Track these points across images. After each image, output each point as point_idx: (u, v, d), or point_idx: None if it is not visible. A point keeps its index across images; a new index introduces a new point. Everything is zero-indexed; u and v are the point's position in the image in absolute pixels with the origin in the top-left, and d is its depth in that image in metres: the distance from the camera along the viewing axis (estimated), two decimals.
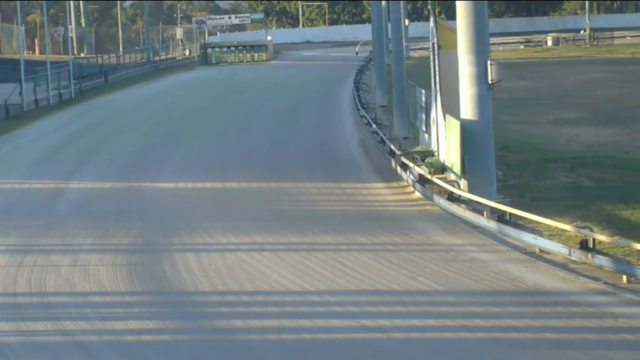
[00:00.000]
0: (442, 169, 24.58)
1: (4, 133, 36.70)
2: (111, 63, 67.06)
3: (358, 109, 39.89)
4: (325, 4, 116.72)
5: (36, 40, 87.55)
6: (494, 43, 67.57)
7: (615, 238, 17.79)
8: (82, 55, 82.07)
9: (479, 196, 20.40)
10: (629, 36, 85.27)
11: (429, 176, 23.42)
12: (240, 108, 44.50)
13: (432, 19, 25.72)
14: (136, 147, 32.95)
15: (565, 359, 12.88)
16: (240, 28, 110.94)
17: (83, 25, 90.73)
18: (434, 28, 25.40)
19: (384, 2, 47.77)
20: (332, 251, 18.64)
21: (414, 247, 18.77)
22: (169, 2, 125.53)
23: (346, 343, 13.67)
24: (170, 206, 23.65)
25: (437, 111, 25.60)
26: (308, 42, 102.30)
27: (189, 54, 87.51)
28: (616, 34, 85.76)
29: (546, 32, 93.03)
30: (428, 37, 27.01)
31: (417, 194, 23.66)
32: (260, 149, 32.00)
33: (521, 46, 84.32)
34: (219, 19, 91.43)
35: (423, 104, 28.78)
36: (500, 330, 13.98)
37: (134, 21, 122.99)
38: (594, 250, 16.63)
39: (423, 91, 29.11)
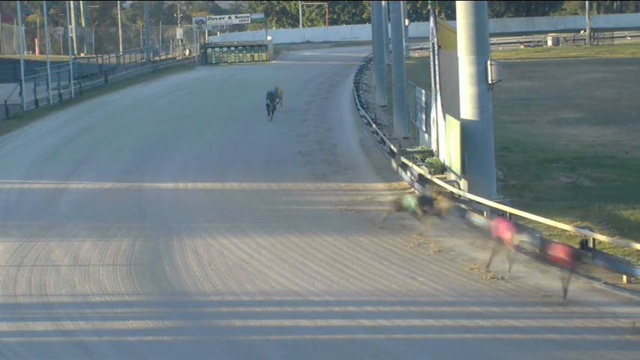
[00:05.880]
0: (442, 169, 24.59)
1: (5, 133, 36.70)
2: (111, 63, 67.01)
3: (358, 109, 39.89)
4: (325, 4, 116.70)
5: (36, 40, 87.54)
6: (494, 43, 67.64)
7: (615, 238, 17.79)
8: (82, 55, 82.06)
9: (479, 196, 20.41)
10: (629, 36, 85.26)
11: (429, 176, 23.42)
12: (240, 108, 44.48)
13: (432, 19, 25.72)
14: (136, 147, 32.94)
15: (565, 359, 12.88)
16: (240, 28, 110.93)
17: (83, 25, 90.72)
18: (434, 28, 25.40)
19: (384, 2, 47.78)
20: (332, 251, 18.64)
21: (414, 247, 18.76)
22: (169, 2, 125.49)
23: (346, 343, 13.67)
24: (170, 206, 23.64)
25: (437, 111, 25.60)
26: (308, 42, 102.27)
27: (189, 54, 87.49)
28: (616, 34, 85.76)
29: (546, 32, 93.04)
30: (428, 37, 27.02)
31: (418, 194, 23.64)
32: (260, 149, 31.98)
33: (521, 46, 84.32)
34: (219, 19, 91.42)
35: (423, 104, 28.78)
36: (501, 330, 13.98)
37: (134, 21, 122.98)
38: (594, 250, 16.63)
39: (423, 91, 29.11)
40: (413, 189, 24.14)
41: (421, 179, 23.68)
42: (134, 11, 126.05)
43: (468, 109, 21.77)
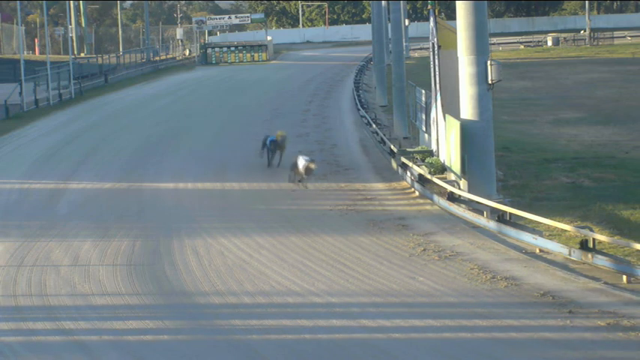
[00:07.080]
0: (442, 169, 24.59)
1: (5, 133, 36.70)
2: (111, 63, 67.08)
3: (358, 109, 39.90)
4: (325, 4, 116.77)
5: (36, 40, 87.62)
6: (494, 43, 67.73)
7: (615, 238, 17.79)
8: (82, 55, 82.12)
9: (479, 196, 20.41)
10: (629, 36, 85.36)
11: (429, 176, 23.43)
12: (240, 108, 44.49)
13: (432, 19, 25.71)
14: (136, 147, 32.95)
15: (565, 359, 12.88)
16: (240, 28, 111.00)
17: (83, 25, 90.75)
18: (434, 28, 25.40)
19: (384, 2, 47.79)
20: (332, 251, 18.64)
21: (414, 247, 18.76)
22: (169, 2, 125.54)
23: (346, 343, 13.67)
24: (170, 206, 23.64)
25: (437, 111, 25.60)
26: (308, 42, 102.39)
27: (189, 54, 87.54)
28: (616, 34, 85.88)
29: (546, 32, 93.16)
30: (428, 37, 27.02)
31: (417, 194, 23.67)
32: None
33: (521, 46, 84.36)
34: (219, 19, 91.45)
35: (423, 104, 28.78)
36: (500, 330, 13.98)
37: (134, 21, 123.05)
38: (594, 250, 16.63)
39: (423, 91, 29.12)
40: (413, 189, 24.15)
41: (421, 179, 23.70)
42: (134, 11, 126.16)
43: (468, 109, 21.77)
